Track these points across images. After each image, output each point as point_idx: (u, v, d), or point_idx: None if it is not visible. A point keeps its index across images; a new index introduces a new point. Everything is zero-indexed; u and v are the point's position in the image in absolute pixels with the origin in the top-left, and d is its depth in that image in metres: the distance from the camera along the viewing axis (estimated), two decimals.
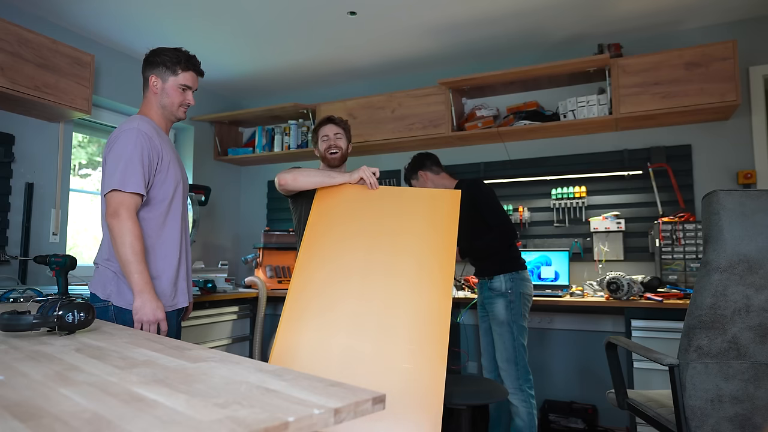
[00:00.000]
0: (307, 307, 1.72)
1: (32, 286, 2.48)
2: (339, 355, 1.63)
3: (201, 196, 3.51)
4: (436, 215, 1.67)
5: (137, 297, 1.62)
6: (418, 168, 2.69)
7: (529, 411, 2.41)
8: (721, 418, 1.50)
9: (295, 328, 1.70)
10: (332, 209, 1.87)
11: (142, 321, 1.63)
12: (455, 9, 2.87)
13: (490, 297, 2.50)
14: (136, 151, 1.67)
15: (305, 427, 0.57)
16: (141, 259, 1.63)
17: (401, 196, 1.79)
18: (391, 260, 1.71)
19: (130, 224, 1.62)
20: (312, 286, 1.76)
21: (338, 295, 1.72)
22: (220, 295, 2.99)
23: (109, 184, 1.65)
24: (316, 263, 1.79)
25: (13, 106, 2.72)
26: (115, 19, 3.01)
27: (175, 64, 1.81)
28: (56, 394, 0.67)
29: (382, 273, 1.70)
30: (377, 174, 1.91)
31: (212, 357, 0.90)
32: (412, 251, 1.68)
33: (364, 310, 1.67)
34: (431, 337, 1.59)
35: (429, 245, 1.66)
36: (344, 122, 2.41)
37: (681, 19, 3.02)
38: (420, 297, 1.64)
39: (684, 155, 3.07)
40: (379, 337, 1.63)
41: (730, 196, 1.46)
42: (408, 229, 1.70)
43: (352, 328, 1.66)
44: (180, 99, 1.84)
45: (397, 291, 1.67)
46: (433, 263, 1.65)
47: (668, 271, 2.82)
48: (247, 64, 3.67)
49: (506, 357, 2.42)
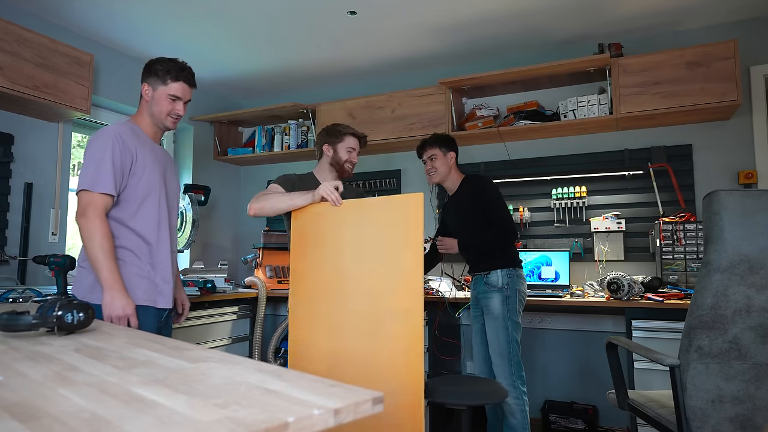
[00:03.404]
0: (302, 316, 1.95)
1: (31, 286, 2.47)
2: (327, 355, 1.83)
3: (201, 196, 3.50)
4: (399, 220, 1.74)
5: (106, 293, 1.66)
6: (452, 148, 2.63)
7: (521, 408, 2.41)
8: (722, 419, 1.49)
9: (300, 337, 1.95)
10: (307, 229, 1.99)
11: (111, 316, 1.66)
12: (455, 8, 2.87)
13: (486, 292, 2.50)
14: (107, 152, 1.72)
15: (305, 427, 0.56)
16: (110, 257, 1.68)
17: (364, 208, 1.87)
18: (363, 267, 1.81)
19: (98, 222, 1.68)
20: (301, 300, 1.97)
21: (323, 304, 1.90)
22: (220, 295, 2.99)
23: (81, 183, 1.72)
24: (302, 281, 1.97)
25: (13, 106, 2.71)
26: (114, 19, 3.01)
27: (166, 74, 1.85)
28: (55, 395, 0.67)
29: (357, 281, 1.82)
30: (340, 188, 1.92)
31: (212, 357, 0.89)
32: (381, 257, 1.77)
33: (345, 315, 1.82)
34: (405, 335, 1.68)
35: (395, 249, 1.74)
36: (366, 143, 2.47)
37: (682, 18, 3.02)
38: (393, 298, 1.72)
39: (685, 155, 3.07)
40: (359, 338, 1.77)
41: (731, 196, 1.46)
42: (376, 237, 1.79)
43: (336, 333, 1.83)
44: (168, 108, 1.87)
45: (371, 295, 1.77)
46: (401, 266, 1.72)
47: (669, 271, 2.82)
48: (247, 63, 3.67)
49: (500, 352, 2.42)
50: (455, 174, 2.65)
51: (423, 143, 2.68)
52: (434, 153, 2.62)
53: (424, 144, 2.67)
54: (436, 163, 2.61)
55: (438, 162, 2.61)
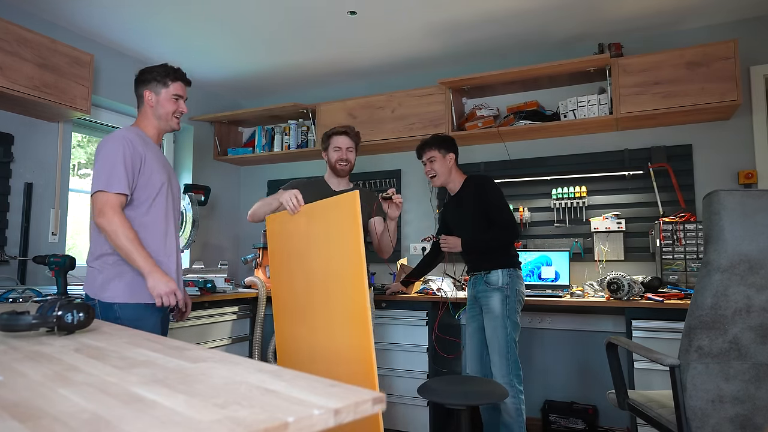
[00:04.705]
0: (282, 316, 2.18)
1: (31, 287, 2.47)
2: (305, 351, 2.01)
3: (201, 196, 3.50)
4: (340, 218, 1.83)
5: (148, 278, 1.79)
6: (451, 149, 2.63)
7: (517, 407, 2.41)
8: (722, 419, 1.49)
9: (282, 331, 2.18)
10: (275, 233, 2.25)
11: (161, 295, 1.80)
12: (455, 9, 2.87)
13: (486, 291, 2.50)
14: (119, 154, 1.82)
15: (305, 427, 0.56)
16: (139, 245, 1.79)
17: (314, 211, 2.00)
18: (317, 265, 1.95)
19: (117, 219, 1.77)
20: (279, 300, 2.20)
21: (292, 302, 2.10)
22: (220, 295, 2.98)
23: (96, 185, 1.81)
24: (277, 281, 2.22)
25: (13, 106, 2.71)
26: (115, 19, 3.01)
27: (165, 77, 1.98)
28: (55, 395, 0.67)
29: (314, 279, 1.96)
30: (299, 197, 2.06)
31: (211, 357, 0.89)
32: (328, 254, 1.89)
33: (309, 311, 1.98)
34: (352, 328, 1.76)
35: (340, 246, 1.83)
36: (357, 136, 2.58)
37: (682, 18, 3.02)
38: (343, 291, 1.82)
39: (685, 155, 3.07)
40: (321, 333, 1.92)
41: (731, 196, 1.46)
42: (323, 236, 1.93)
43: (306, 328, 1.99)
44: (173, 108, 2.00)
45: (327, 290, 1.90)
46: (346, 260, 1.79)
47: (669, 271, 2.82)
48: (246, 63, 3.67)
49: (498, 351, 2.43)
50: (456, 175, 2.65)
51: (422, 144, 2.67)
52: (433, 155, 2.61)
53: (423, 145, 2.66)
54: (435, 165, 2.61)
55: (437, 164, 2.60)
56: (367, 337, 1.67)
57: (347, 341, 1.77)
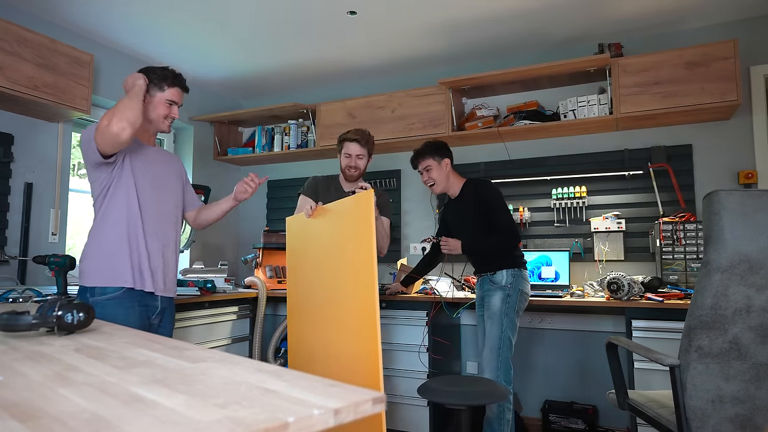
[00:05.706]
0: (296, 317, 2.25)
1: (31, 286, 2.47)
2: (311, 351, 2.08)
3: (201, 196, 3.50)
4: (355, 218, 1.84)
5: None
6: (446, 155, 2.62)
7: (499, 404, 2.40)
8: (722, 419, 1.49)
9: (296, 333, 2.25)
10: (295, 236, 2.35)
11: (126, 80, 1.87)
12: (455, 8, 2.87)
13: (490, 290, 2.52)
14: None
15: (305, 427, 0.56)
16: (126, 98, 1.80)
17: (331, 211, 2.04)
18: (332, 264, 1.97)
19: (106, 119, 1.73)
20: (293, 300, 2.29)
21: (306, 303, 2.15)
22: (220, 295, 2.98)
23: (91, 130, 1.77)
24: (293, 282, 2.31)
25: (12, 106, 2.71)
26: (114, 19, 3.01)
27: (162, 81, 1.96)
28: (55, 395, 0.67)
29: (328, 278, 2.00)
30: (314, 207, 2.18)
31: (211, 357, 0.89)
32: (342, 254, 1.91)
33: (326, 311, 2.00)
34: (360, 328, 1.77)
35: (353, 245, 1.84)
36: (369, 142, 2.58)
37: (682, 18, 3.02)
38: (354, 290, 1.83)
39: (685, 155, 3.07)
40: (332, 332, 1.94)
41: (731, 196, 1.46)
42: (337, 236, 1.95)
43: (319, 330, 2.02)
44: (165, 112, 2.00)
45: (339, 289, 1.93)
46: (357, 259, 1.81)
47: (669, 271, 2.82)
48: (246, 63, 3.67)
49: (489, 346, 2.45)
50: (455, 179, 2.65)
51: (416, 154, 2.66)
52: (429, 163, 2.61)
53: (417, 155, 2.65)
54: (432, 174, 2.61)
55: (434, 172, 2.60)
56: (375, 337, 1.68)
57: (357, 341, 1.78)
